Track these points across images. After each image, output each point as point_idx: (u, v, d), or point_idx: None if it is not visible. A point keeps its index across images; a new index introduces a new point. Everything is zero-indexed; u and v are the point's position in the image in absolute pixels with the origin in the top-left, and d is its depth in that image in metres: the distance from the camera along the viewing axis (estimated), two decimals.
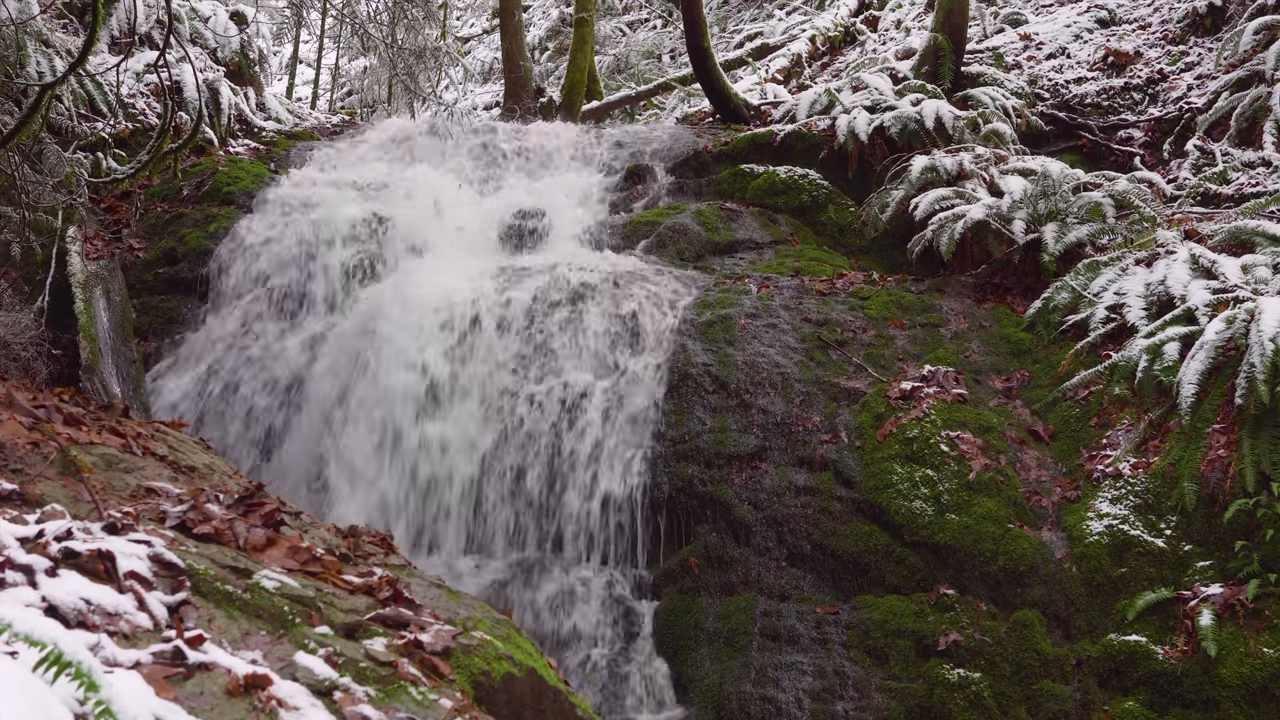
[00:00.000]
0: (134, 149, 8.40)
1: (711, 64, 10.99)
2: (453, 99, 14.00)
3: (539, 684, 2.84)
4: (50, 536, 2.27)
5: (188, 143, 5.14)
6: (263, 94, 11.17)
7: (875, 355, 6.33)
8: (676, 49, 18.04)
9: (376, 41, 7.78)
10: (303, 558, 2.94)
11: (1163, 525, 5.02)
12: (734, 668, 4.97)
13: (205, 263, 7.61)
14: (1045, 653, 4.79)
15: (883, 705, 4.74)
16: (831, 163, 8.84)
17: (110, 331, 6.36)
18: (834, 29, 14.33)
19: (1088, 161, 8.97)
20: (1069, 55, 10.68)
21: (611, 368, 6.35)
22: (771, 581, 5.32)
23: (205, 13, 10.73)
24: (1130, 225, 6.96)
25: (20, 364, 5.16)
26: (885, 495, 5.42)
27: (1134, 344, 5.67)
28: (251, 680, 2.03)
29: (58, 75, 5.79)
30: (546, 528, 5.80)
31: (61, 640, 1.61)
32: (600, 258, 7.54)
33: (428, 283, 7.00)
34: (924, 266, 7.55)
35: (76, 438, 3.55)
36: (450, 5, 20.01)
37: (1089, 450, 5.54)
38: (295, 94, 18.98)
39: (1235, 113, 8.43)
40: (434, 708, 2.27)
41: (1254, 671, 4.40)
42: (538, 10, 21.76)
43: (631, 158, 9.40)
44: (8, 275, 6.18)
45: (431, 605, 2.99)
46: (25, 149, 5.32)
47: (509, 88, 12.83)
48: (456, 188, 8.76)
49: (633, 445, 5.92)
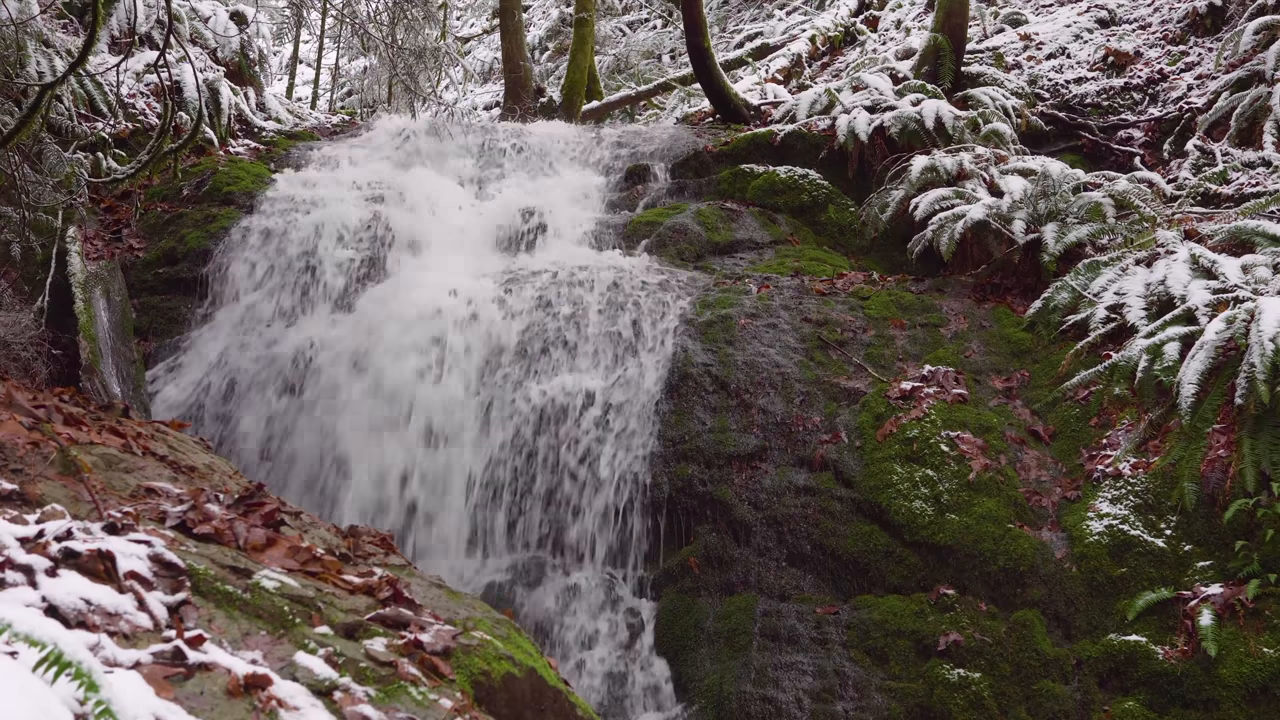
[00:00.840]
0: (134, 149, 8.40)
1: (711, 64, 10.99)
2: (453, 99, 14.01)
3: (539, 684, 2.84)
4: (50, 536, 2.27)
5: (188, 143, 5.14)
6: (263, 94, 11.17)
7: (875, 355, 6.33)
8: (676, 49, 18.05)
9: (376, 41, 7.78)
10: (303, 558, 2.94)
11: (1163, 525, 5.02)
12: (734, 668, 4.97)
13: (205, 263, 7.61)
14: (1045, 653, 4.79)
15: (883, 705, 4.74)
16: (831, 163, 8.84)
17: (110, 331, 6.36)
18: (834, 29, 14.33)
19: (1088, 161, 8.97)
20: (1069, 55, 10.68)
21: (611, 368, 6.35)
22: (771, 581, 5.32)
23: (205, 13, 10.73)
24: (1130, 225, 6.96)
25: (20, 364, 5.16)
26: (885, 495, 5.42)
27: (1134, 344, 5.67)
28: (251, 680, 2.02)
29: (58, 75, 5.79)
30: (547, 528, 5.80)
31: (61, 640, 1.61)
32: (600, 258, 7.54)
33: (427, 283, 7.00)
34: (924, 266, 7.56)
35: (76, 438, 3.55)
36: (450, 5, 20.01)
37: (1089, 450, 5.54)
38: (295, 94, 18.98)
39: (1235, 113, 8.43)
40: (434, 708, 2.27)
41: (1254, 671, 4.40)
42: (538, 10, 21.76)
43: (631, 158, 9.40)
44: (8, 275, 6.18)
45: (432, 605, 2.99)
46: (25, 149, 5.32)
47: (509, 88, 12.83)
48: (456, 188, 8.76)
49: (633, 445, 5.92)
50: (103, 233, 7.85)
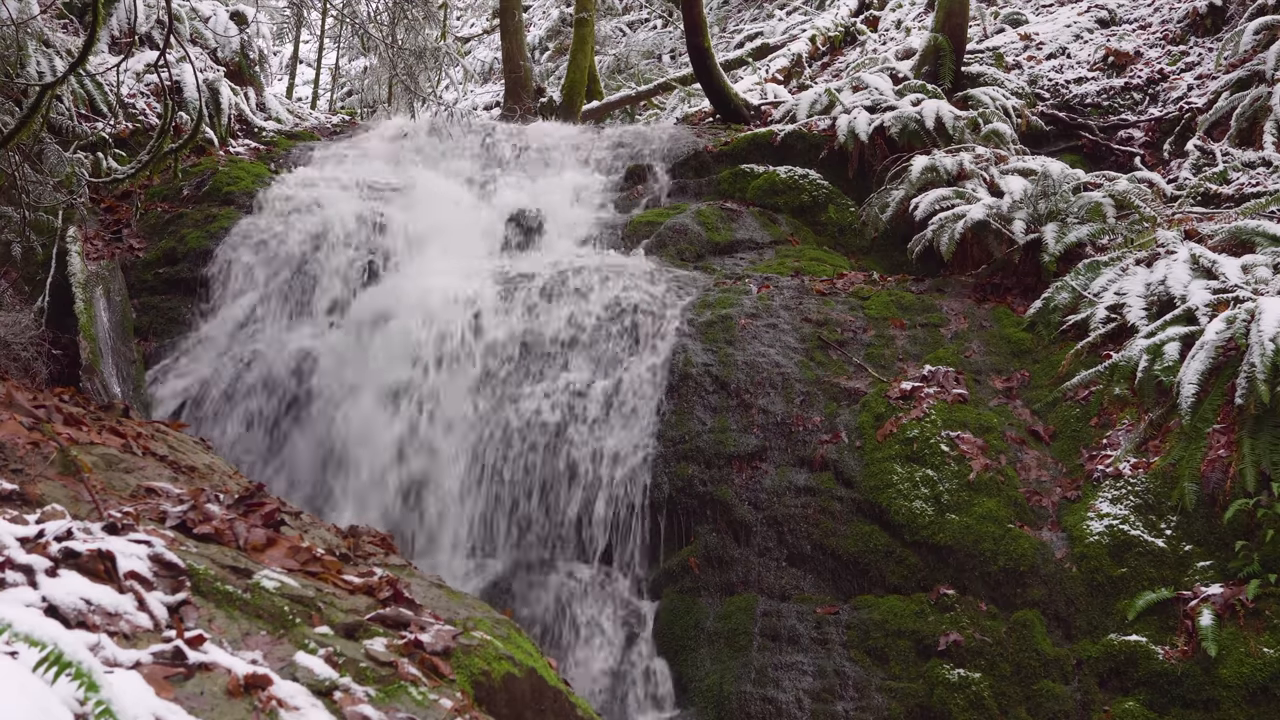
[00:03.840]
0: (134, 149, 8.40)
1: (712, 64, 10.99)
2: (453, 99, 14.00)
3: (539, 684, 2.84)
4: (50, 536, 2.27)
5: (188, 143, 5.14)
6: (263, 94, 11.17)
7: (875, 355, 6.33)
8: (676, 49, 18.05)
9: (377, 41, 7.78)
10: (303, 558, 2.94)
11: (1163, 525, 5.02)
12: (734, 668, 4.97)
13: (205, 263, 7.61)
14: (1045, 653, 4.79)
15: (883, 705, 4.74)
16: (832, 163, 8.84)
17: (110, 331, 6.36)
18: (834, 29, 14.33)
19: (1088, 161, 8.96)
20: (1069, 55, 10.68)
21: (611, 368, 6.34)
22: (772, 581, 5.32)
23: (205, 13, 10.73)
24: (1130, 225, 6.96)
25: (20, 364, 5.16)
26: (885, 495, 5.42)
27: (1134, 344, 5.67)
28: (251, 680, 2.02)
29: (58, 75, 5.79)
30: (547, 528, 5.80)
31: (61, 640, 1.61)
32: (600, 258, 7.54)
33: (427, 283, 7.00)
34: (924, 266, 7.55)
35: (77, 438, 3.55)
36: (450, 5, 20.01)
37: (1089, 450, 5.53)
38: (295, 94, 18.96)
39: (1235, 113, 8.43)
40: (434, 708, 2.27)
41: (1254, 671, 4.40)
42: (538, 10, 21.76)
43: (631, 158, 9.40)
44: (8, 275, 6.18)
45: (432, 605, 2.99)
46: (26, 149, 5.32)
47: (509, 88, 12.83)
48: (457, 188, 8.76)
49: (633, 445, 5.92)
50: (103, 233, 7.85)
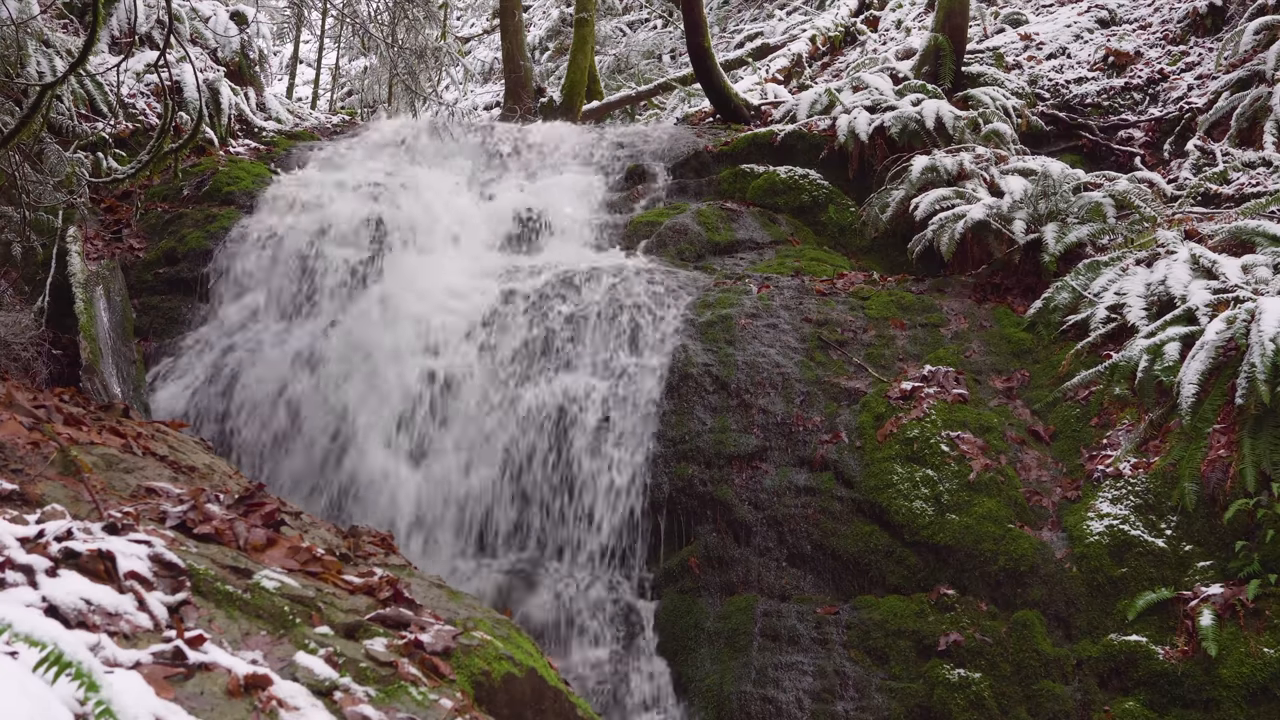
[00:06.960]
0: (134, 149, 8.40)
1: (712, 64, 10.99)
2: (453, 99, 14.00)
3: (539, 684, 2.84)
4: (50, 536, 2.27)
5: (188, 143, 5.14)
6: (263, 94, 11.16)
7: (875, 355, 6.33)
8: (676, 49, 18.05)
9: (377, 41, 7.78)
10: (303, 558, 2.94)
11: (1163, 525, 5.02)
12: (734, 668, 4.97)
13: (205, 263, 7.61)
14: (1046, 653, 4.79)
15: (883, 705, 4.74)
16: (832, 163, 8.83)
17: (110, 331, 6.36)
18: (834, 29, 14.33)
19: (1088, 161, 8.96)
20: (1069, 55, 10.68)
21: (611, 368, 6.34)
22: (772, 581, 5.32)
23: (205, 13, 10.73)
24: (1130, 225, 6.96)
25: (20, 364, 5.16)
26: (885, 495, 5.42)
27: (1134, 344, 5.67)
28: (252, 680, 2.02)
29: (58, 75, 5.79)
30: (547, 528, 5.80)
31: (62, 640, 1.61)
32: (601, 258, 7.54)
33: (427, 284, 7.00)
34: (924, 266, 7.55)
35: (77, 438, 3.55)
36: (450, 5, 20.02)
37: (1089, 450, 5.53)
38: (295, 94, 18.96)
39: (1236, 113, 8.43)
40: (434, 708, 2.27)
41: (1254, 671, 4.40)
42: (538, 10, 21.76)
43: (631, 158, 9.39)
44: (8, 275, 6.19)
45: (432, 605, 2.99)
46: (26, 149, 5.33)
47: (509, 88, 12.82)
48: (456, 188, 8.76)
49: (633, 445, 5.92)
50: (103, 233, 7.85)
